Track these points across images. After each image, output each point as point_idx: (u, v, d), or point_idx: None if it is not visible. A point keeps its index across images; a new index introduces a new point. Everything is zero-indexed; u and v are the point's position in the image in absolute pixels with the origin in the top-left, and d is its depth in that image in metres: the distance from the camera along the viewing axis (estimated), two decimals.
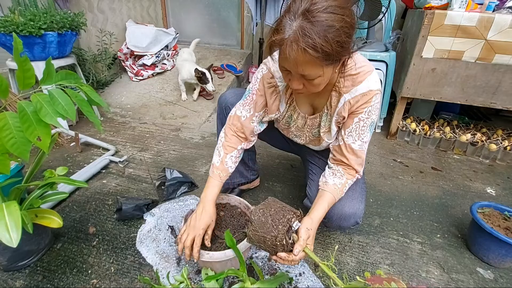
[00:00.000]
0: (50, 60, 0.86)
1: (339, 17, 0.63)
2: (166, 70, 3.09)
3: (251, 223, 0.81)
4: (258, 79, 0.99)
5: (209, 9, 3.43)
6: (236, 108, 1.05)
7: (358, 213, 1.01)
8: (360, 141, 0.92)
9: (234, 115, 1.05)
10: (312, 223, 0.85)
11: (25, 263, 1.06)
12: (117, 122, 2.37)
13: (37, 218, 0.96)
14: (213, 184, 1.01)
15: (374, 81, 0.86)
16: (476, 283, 1.09)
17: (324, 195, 0.93)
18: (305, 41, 0.63)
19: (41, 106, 0.79)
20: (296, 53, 0.65)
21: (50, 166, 1.66)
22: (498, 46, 1.77)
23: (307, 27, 0.62)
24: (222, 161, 1.02)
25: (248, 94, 1.02)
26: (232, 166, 1.04)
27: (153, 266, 1.08)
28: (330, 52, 0.64)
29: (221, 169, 1.02)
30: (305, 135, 1.08)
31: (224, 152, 1.03)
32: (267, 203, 0.86)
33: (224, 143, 1.04)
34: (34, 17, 1.71)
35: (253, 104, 1.01)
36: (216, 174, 1.01)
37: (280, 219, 0.80)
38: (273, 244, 0.78)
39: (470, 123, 2.37)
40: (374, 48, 2.14)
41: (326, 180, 0.97)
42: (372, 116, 0.89)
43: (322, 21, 0.62)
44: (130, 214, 1.28)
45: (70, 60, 2.04)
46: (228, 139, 1.04)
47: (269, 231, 0.78)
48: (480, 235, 1.17)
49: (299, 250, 0.78)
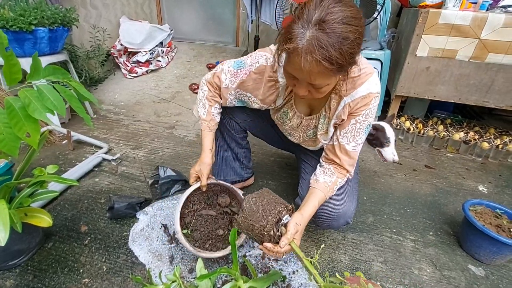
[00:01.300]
0: (37, 55, 0.84)
1: (354, 28, 0.62)
2: (161, 67, 3.06)
3: (242, 210, 0.82)
4: (258, 64, 0.94)
5: (204, 6, 3.41)
6: (224, 71, 1.01)
7: (348, 213, 1.01)
8: (354, 143, 0.92)
9: (217, 74, 1.02)
10: (302, 218, 0.85)
11: (15, 262, 1.04)
12: (110, 119, 2.34)
13: (27, 217, 0.94)
14: (205, 135, 1.10)
15: (374, 83, 0.85)
16: (467, 280, 1.10)
17: (314, 193, 0.93)
18: (320, 53, 0.61)
19: (29, 102, 0.77)
20: (310, 64, 0.63)
21: (41, 164, 1.64)
22: (492, 45, 1.78)
23: (323, 39, 0.60)
24: (208, 112, 1.08)
25: (241, 67, 0.97)
26: (217, 117, 1.11)
27: (145, 265, 1.07)
28: (344, 64, 0.64)
29: (209, 120, 1.09)
30: (298, 135, 1.07)
31: (209, 104, 1.08)
32: (261, 193, 0.87)
33: (208, 96, 1.07)
34: (25, 12, 1.67)
35: (239, 81, 0.98)
36: (205, 125, 1.09)
37: (271, 210, 0.81)
38: (261, 233, 0.79)
39: (463, 122, 2.39)
40: (369, 46, 2.14)
41: (317, 178, 0.97)
42: (369, 119, 0.89)
43: (338, 33, 0.60)
44: (122, 212, 1.26)
45: (62, 56, 2.01)
46: (211, 94, 1.07)
47: (258, 220, 0.79)
48: (472, 232, 1.18)
49: (286, 243, 0.78)
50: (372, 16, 1.97)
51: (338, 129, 0.94)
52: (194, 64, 3.17)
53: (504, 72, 1.82)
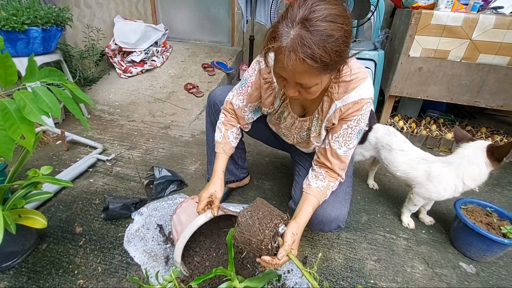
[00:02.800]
0: (33, 57, 0.84)
1: (339, 26, 0.62)
2: (155, 67, 3.05)
3: (238, 225, 0.81)
4: (255, 71, 0.98)
5: (199, 6, 3.40)
6: (233, 94, 1.07)
7: (340, 218, 1.01)
8: (346, 147, 0.92)
9: (229, 101, 1.08)
10: (297, 227, 0.85)
11: (9, 264, 1.04)
12: (105, 119, 2.33)
13: (21, 219, 0.94)
14: (218, 157, 1.06)
15: (367, 89, 0.85)
16: (459, 277, 1.13)
17: (308, 199, 0.93)
18: (303, 51, 0.61)
19: (24, 104, 0.77)
20: (294, 63, 0.63)
21: (35, 165, 1.63)
22: (483, 46, 1.81)
23: (306, 37, 0.60)
24: (224, 136, 1.07)
25: (244, 83, 1.03)
26: (234, 141, 1.10)
27: (141, 265, 1.07)
28: (329, 62, 0.63)
29: (224, 143, 1.07)
30: (292, 136, 1.08)
31: (224, 128, 1.08)
32: (255, 205, 0.85)
33: (224, 121, 1.09)
34: (17, 11, 1.65)
35: (247, 95, 1.03)
36: (220, 148, 1.06)
37: (267, 223, 0.80)
38: (258, 247, 0.78)
39: (455, 121, 2.43)
40: (363, 47, 2.16)
41: (309, 183, 0.97)
42: (361, 124, 0.89)
43: (321, 31, 0.60)
44: (117, 213, 1.26)
45: (55, 56, 1.99)
46: (227, 119, 1.09)
47: (255, 234, 0.78)
48: (463, 230, 1.20)
49: (283, 254, 0.77)
50: (366, 17, 1.99)
51: (330, 133, 0.94)
52: (189, 64, 3.16)
53: (495, 73, 1.85)
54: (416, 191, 1.28)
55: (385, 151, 1.39)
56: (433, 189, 1.23)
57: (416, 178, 1.27)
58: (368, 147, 1.48)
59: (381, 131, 1.44)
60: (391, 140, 1.38)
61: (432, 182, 1.23)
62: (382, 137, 1.41)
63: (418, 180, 1.27)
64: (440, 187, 1.21)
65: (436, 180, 1.22)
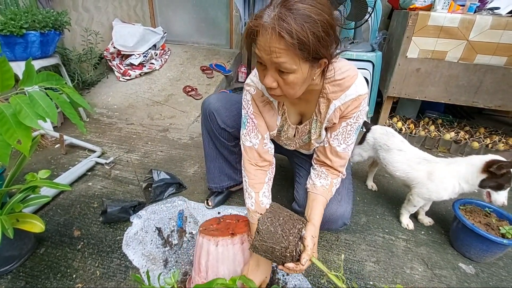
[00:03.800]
0: (30, 61, 0.83)
1: (317, 10, 0.64)
2: (154, 70, 3.05)
3: (258, 233, 0.76)
4: (249, 102, 0.95)
5: (198, 8, 3.41)
6: (244, 140, 0.99)
7: (345, 215, 1.02)
8: (345, 145, 0.93)
9: (247, 148, 0.99)
10: (315, 230, 0.84)
11: (7, 268, 1.03)
12: (104, 123, 2.33)
13: (18, 223, 0.94)
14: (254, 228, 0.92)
15: (361, 84, 0.85)
16: (458, 278, 1.12)
17: (317, 198, 0.93)
18: (280, 25, 0.62)
19: (20, 109, 0.77)
20: (270, 37, 0.64)
21: (34, 169, 1.63)
22: (480, 47, 1.82)
23: (285, 13, 0.63)
24: (256, 202, 0.97)
25: (246, 120, 0.98)
26: (267, 202, 0.98)
27: (139, 269, 1.07)
28: (306, 41, 0.63)
29: (259, 210, 0.96)
30: (294, 142, 1.07)
31: (255, 192, 0.97)
32: (273, 210, 0.81)
33: (250, 182, 0.98)
34: (15, 16, 1.66)
35: (257, 128, 0.97)
36: (255, 218, 0.93)
37: (290, 229, 0.77)
38: (282, 255, 0.75)
39: (454, 122, 2.43)
40: (361, 48, 2.17)
41: (314, 182, 0.96)
42: (359, 120, 0.90)
43: (300, 9, 0.63)
44: (115, 216, 1.26)
45: (53, 60, 1.99)
46: (252, 177, 0.98)
47: (279, 241, 0.75)
48: (462, 231, 1.20)
49: (307, 259, 0.76)
50: (363, 18, 1.99)
51: (329, 131, 0.95)
52: (188, 67, 3.17)
53: (492, 73, 1.86)
54: (416, 192, 1.28)
55: (383, 152, 1.39)
56: (434, 188, 1.23)
57: (417, 178, 1.28)
58: (366, 147, 1.49)
59: (379, 132, 1.44)
60: (388, 140, 1.38)
61: (433, 181, 1.23)
62: (380, 138, 1.42)
63: (418, 180, 1.27)
64: (441, 187, 1.22)
65: (438, 180, 1.22)
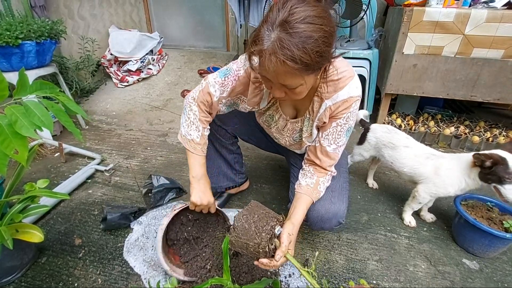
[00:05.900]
0: (23, 71, 0.84)
1: (318, 27, 0.63)
2: (152, 75, 3.06)
3: (234, 229, 0.81)
4: (244, 66, 0.93)
5: (193, 12, 3.42)
6: (211, 84, 0.97)
7: (339, 214, 1.01)
8: (335, 145, 0.94)
9: (207, 91, 0.97)
10: (293, 228, 0.86)
11: (8, 279, 1.03)
12: (103, 129, 2.33)
13: (18, 233, 0.93)
14: (200, 160, 1.00)
15: (355, 87, 0.86)
16: (462, 274, 1.11)
17: (300, 198, 0.94)
18: (283, 53, 0.62)
19: (16, 119, 0.77)
20: (275, 65, 0.64)
21: (33, 178, 1.63)
22: (476, 40, 1.81)
23: (285, 39, 0.61)
24: (202, 135, 1.00)
25: (228, 74, 0.95)
26: (206, 143, 1.04)
27: (141, 275, 1.07)
28: (310, 63, 0.64)
29: (202, 143, 1.00)
30: (285, 139, 1.08)
31: (202, 126, 1.00)
32: (250, 208, 0.86)
33: (200, 117, 1.00)
34: (10, 26, 1.67)
35: (230, 89, 0.96)
36: (199, 150, 1.00)
37: (263, 226, 0.80)
38: (256, 251, 0.79)
39: (453, 117, 2.42)
40: (357, 46, 2.17)
41: (299, 182, 0.98)
42: (350, 121, 0.91)
43: (300, 32, 0.61)
44: (116, 223, 1.26)
45: (50, 69, 2.00)
46: (203, 114, 1.00)
47: (252, 238, 0.79)
48: (464, 226, 1.19)
49: (281, 256, 0.78)
50: (358, 16, 1.99)
51: (320, 131, 0.95)
52: (185, 71, 3.18)
53: (489, 66, 1.85)
54: (423, 187, 1.27)
55: (388, 150, 1.38)
56: (441, 184, 1.22)
57: (424, 173, 1.27)
58: (368, 147, 1.48)
59: (380, 130, 1.43)
60: (393, 138, 1.38)
61: (440, 176, 1.22)
62: (383, 136, 1.41)
63: (426, 175, 1.27)
64: (448, 182, 1.21)
65: (444, 174, 1.22)
